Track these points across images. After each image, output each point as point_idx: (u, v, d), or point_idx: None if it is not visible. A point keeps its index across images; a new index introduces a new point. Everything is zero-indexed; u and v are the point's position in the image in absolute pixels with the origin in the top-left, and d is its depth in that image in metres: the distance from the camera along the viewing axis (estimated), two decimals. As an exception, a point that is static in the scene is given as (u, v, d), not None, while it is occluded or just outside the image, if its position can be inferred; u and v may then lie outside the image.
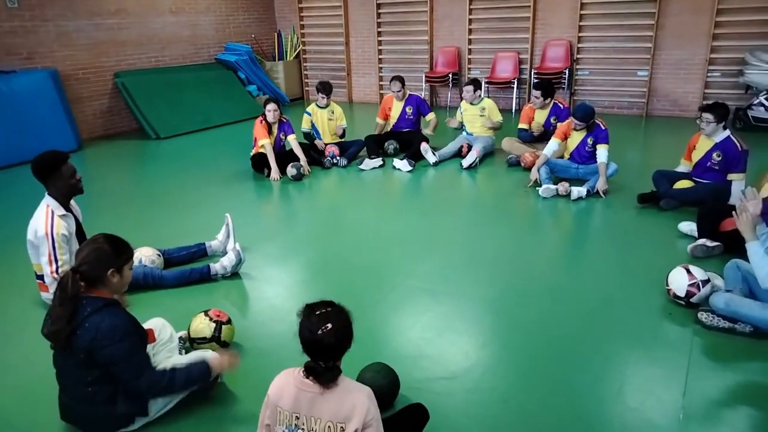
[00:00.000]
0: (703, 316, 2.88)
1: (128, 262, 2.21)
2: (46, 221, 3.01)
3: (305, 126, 6.30)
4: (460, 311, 3.18)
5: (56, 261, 3.01)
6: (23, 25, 7.06)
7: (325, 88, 6.24)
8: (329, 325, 1.67)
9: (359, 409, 1.68)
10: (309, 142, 6.29)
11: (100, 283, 2.12)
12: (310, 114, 6.29)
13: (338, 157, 6.09)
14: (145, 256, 3.56)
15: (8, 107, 6.61)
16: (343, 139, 6.41)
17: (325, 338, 1.66)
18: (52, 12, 7.34)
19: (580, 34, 8.26)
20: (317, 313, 1.70)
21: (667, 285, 3.11)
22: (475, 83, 6.19)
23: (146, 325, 2.40)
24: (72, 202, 3.26)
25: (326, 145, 6.25)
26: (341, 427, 1.69)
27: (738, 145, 4.22)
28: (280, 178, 5.66)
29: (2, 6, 6.82)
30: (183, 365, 2.24)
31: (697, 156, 4.43)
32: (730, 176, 4.26)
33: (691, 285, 3.01)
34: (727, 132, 4.29)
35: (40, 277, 3.17)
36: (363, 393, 1.73)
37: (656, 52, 7.84)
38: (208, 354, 2.36)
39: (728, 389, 2.47)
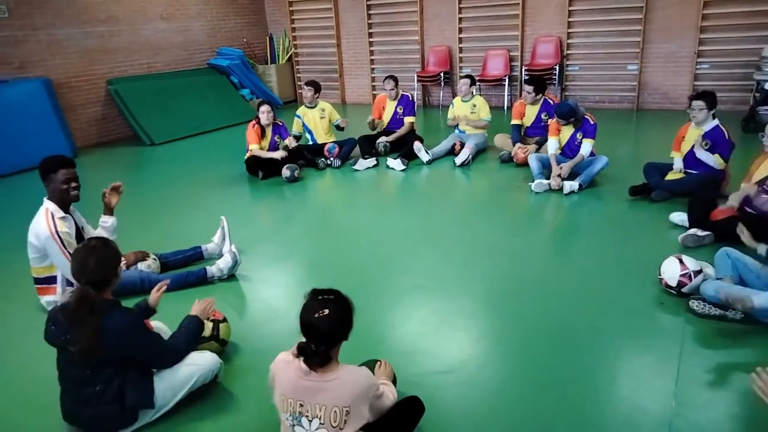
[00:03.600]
0: (694, 304, 2.92)
1: (120, 262, 2.30)
2: (48, 223, 3.04)
3: (296, 130, 6.34)
4: (455, 306, 3.21)
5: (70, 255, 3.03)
6: (14, 35, 7.07)
7: (312, 84, 6.31)
8: (326, 311, 1.72)
9: (362, 388, 1.74)
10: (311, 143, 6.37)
11: (107, 286, 2.19)
12: (300, 117, 6.33)
13: (333, 158, 6.12)
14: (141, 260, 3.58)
15: (1, 117, 6.61)
16: (342, 129, 6.41)
17: (320, 323, 1.71)
18: (43, 21, 7.35)
19: (569, 30, 8.31)
20: (319, 297, 1.75)
21: (660, 275, 3.15)
22: (471, 78, 6.24)
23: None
24: (73, 208, 3.29)
25: (323, 144, 6.28)
26: (346, 410, 1.73)
27: (726, 133, 4.27)
28: (287, 152, 5.72)
29: (-7, 16, 6.84)
30: (183, 329, 2.47)
31: (687, 146, 4.48)
32: (716, 156, 4.29)
33: (683, 275, 3.04)
34: (717, 121, 4.35)
35: (40, 281, 3.20)
36: (361, 373, 1.79)
37: (645, 46, 7.89)
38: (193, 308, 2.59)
39: (720, 375, 2.51)
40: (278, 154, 5.71)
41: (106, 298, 2.20)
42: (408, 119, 6.42)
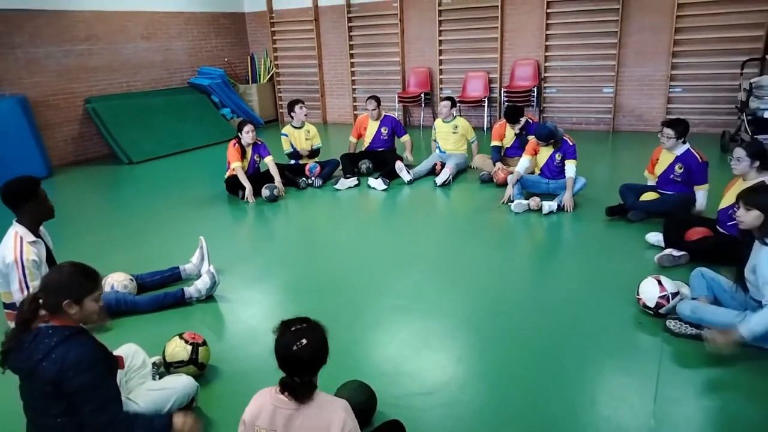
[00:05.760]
0: (671, 323, 2.96)
1: (89, 294, 2.07)
2: (15, 248, 2.95)
3: (287, 148, 6.34)
4: (436, 327, 3.20)
5: (27, 288, 2.95)
6: (-9, 53, 7.00)
7: (303, 104, 6.36)
8: (304, 341, 1.69)
9: (336, 424, 1.69)
10: (293, 161, 6.36)
11: (60, 312, 2.03)
12: (287, 135, 6.33)
13: (314, 177, 6.12)
14: (117, 281, 3.51)
15: (-25, 135, 6.51)
16: (316, 159, 6.45)
17: (301, 354, 1.68)
18: (21, 39, 7.28)
19: (547, 54, 8.49)
20: (293, 329, 1.72)
21: (638, 294, 3.18)
22: (452, 100, 6.33)
23: (117, 352, 2.37)
24: (42, 228, 3.22)
25: (305, 164, 6.28)
26: None
27: (698, 157, 4.37)
28: (255, 199, 5.66)
29: (-31, 33, 6.76)
30: (147, 416, 2.16)
31: (659, 169, 4.58)
32: (696, 188, 4.40)
33: (661, 297, 3.07)
34: (687, 145, 4.45)
35: (9, 306, 3.11)
36: (339, 406, 1.75)
37: (620, 70, 8.10)
38: (176, 417, 2.21)
39: (697, 394, 2.53)
40: (248, 195, 5.59)
41: (67, 324, 2.03)
42: (405, 138, 6.57)
